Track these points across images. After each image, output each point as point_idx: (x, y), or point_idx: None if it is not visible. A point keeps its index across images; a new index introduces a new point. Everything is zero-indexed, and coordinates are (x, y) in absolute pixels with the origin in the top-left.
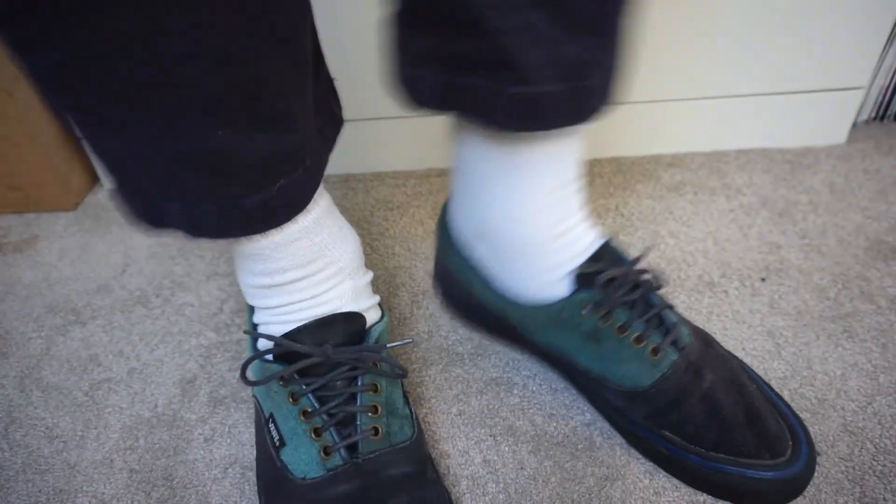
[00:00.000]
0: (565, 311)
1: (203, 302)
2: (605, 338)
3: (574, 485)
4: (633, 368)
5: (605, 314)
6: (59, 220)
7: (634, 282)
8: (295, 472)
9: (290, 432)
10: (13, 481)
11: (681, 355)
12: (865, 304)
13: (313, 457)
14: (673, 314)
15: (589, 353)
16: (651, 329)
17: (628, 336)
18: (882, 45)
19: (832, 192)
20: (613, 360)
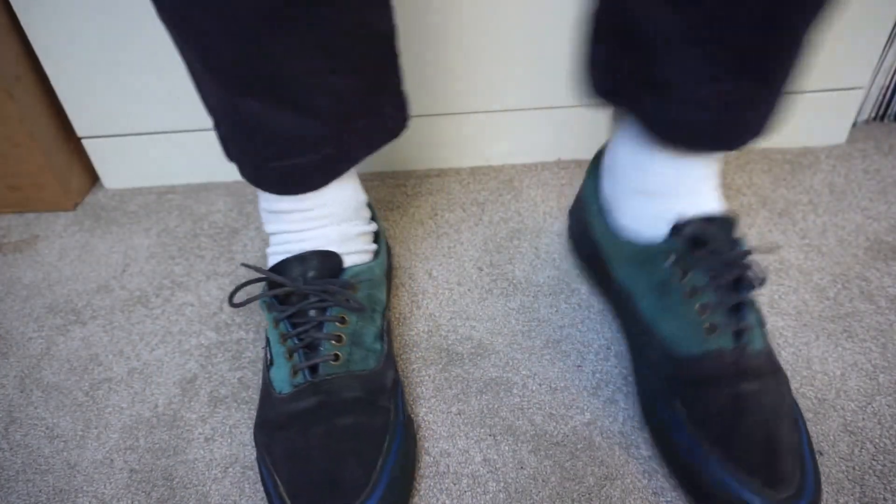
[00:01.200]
0: (649, 253)
1: (203, 302)
2: (672, 292)
3: (574, 484)
4: (682, 333)
5: (683, 272)
6: (59, 220)
7: (730, 262)
8: (275, 387)
9: (276, 353)
10: (13, 481)
11: (736, 348)
12: (865, 304)
13: (285, 375)
14: (756, 317)
15: (653, 300)
16: (721, 308)
17: (694, 301)
18: (882, 45)
19: (832, 192)
20: (669, 315)
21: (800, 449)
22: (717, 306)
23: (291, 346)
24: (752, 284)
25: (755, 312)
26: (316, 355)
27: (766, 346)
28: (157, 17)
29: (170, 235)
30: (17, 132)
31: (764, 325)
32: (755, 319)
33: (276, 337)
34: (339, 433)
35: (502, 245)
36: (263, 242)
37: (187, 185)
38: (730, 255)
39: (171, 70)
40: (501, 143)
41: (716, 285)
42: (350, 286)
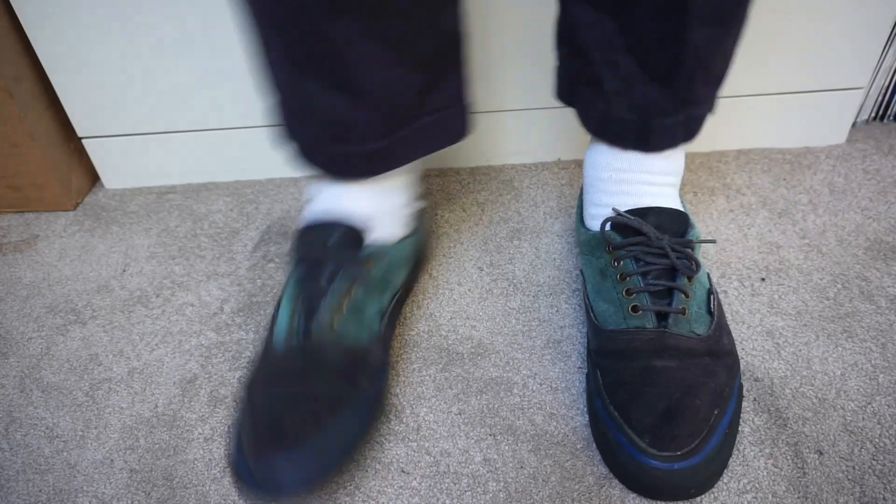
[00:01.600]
0: (594, 242)
1: (203, 302)
2: (608, 277)
3: (574, 484)
4: (610, 312)
5: (616, 259)
6: (59, 220)
7: (663, 251)
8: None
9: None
10: (13, 481)
11: (657, 328)
12: (865, 304)
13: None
14: (687, 302)
15: (595, 284)
16: (645, 292)
17: (623, 286)
18: (882, 45)
19: (832, 192)
20: (603, 297)
21: (711, 422)
22: (642, 290)
23: (293, 308)
24: (691, 272)
25: (683, 293)
26: (312, 320)
27: (706, 331)
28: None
29: (170, 235)
30: (17, 132)
31: (712, 313)
32: (684, 302)
33: (285, 293)
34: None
35: (502, 245)
36: (264, 242)
37: (187, 185)
38: (658, 244)
39: (171, 70)
40: (501, 143)
41: (643, 272)
42: (365, 262)
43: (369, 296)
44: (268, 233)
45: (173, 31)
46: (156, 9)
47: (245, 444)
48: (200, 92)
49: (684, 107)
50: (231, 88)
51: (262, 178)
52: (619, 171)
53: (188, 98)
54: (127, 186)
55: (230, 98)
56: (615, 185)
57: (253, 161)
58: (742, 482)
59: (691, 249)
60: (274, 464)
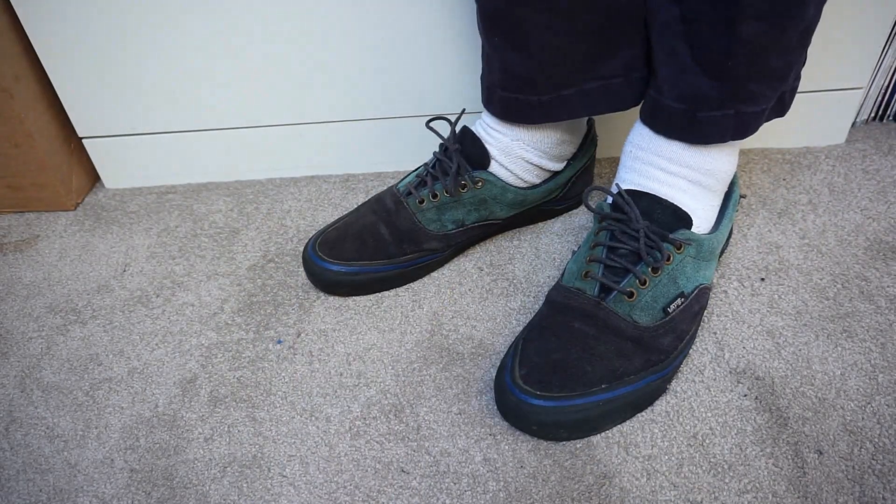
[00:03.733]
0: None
1: (203, 302)
2: (587, 242)
3: (573, 483)
4: (572, 270)
5: (599, 229)
6: (59, 220)
7: (635, 233)
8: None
9: (581, 252)
10: (14, 481)
11: (593, 298)
12: (865, 304)
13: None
14: (639, 289)
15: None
16: (604, 265)
17: (590, 252)
18: (882, 45)
19: (832, 192)
20: (576, 256)
21: (591, 388)
22: (599, 261)
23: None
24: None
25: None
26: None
27: (647, 323)
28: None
29: (170, 235)
30: (17, 132)
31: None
32: (636, 286)
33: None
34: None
35: (502, 245)
36: (264, 242)
37: (187, 185)
38: (634, 227)
39: (171, 70)
40: None
41: (610, 246)
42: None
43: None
44: None
45: (173, 31)
46: (156, 9)
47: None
48: (200, 92)
49: (735, 102)
50: (231, 88)
51: (262, 178)
52: (637, 149)
53: (188, 98)
54: (127, 186)
55: (231, 98)
56: (634, 164)
57: (253, 161)
58: (742, 482)
59: (675, 247)
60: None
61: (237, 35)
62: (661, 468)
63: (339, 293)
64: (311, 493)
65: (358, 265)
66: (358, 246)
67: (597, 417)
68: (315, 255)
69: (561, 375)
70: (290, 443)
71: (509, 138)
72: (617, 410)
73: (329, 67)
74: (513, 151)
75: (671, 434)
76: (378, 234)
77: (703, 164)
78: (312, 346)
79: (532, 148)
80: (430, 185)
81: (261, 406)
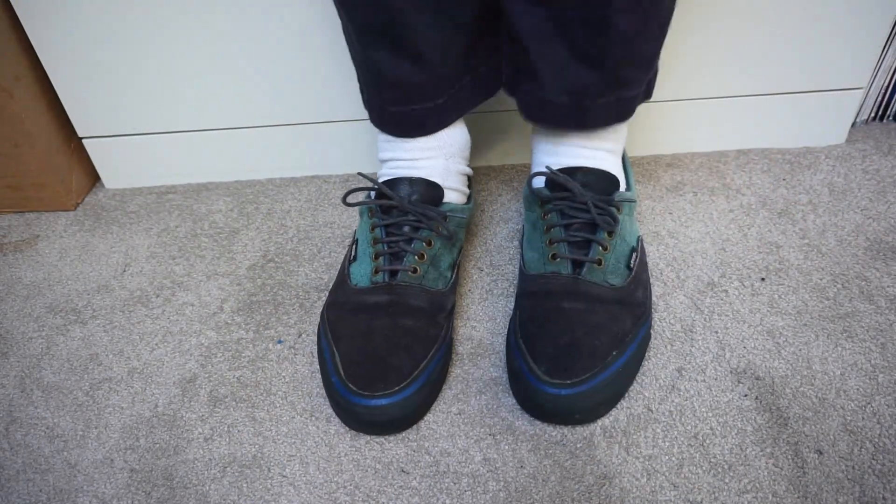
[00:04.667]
0: (531, 198)
1: (203, 301)
2: (537, 228)
3: (573, 483)
4: (535, 258)
5: (544, 212)
6: (59, 220)
7: (584, 205)
8: (352, 280)
9: (362, 252)
10: (14, 481)
11: (571, 274)
12: (865, 304)
13: (366, 272)
14: (604, 255)
15: (528, 235)
16: (565, 241)
17: (548, 236)
18: (882, 45)
19: (832, 192)
20: (532, 245)
21: (607, 360)
22: (562, 241)
23: (380, 251)
24: (609, 228)
25: (602, 246)
26: (399, 264)
27: (621, 283)
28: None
29: (170, 235)
30: (17, 132)
31: (631, 268)
32: (600, 254)
33: (367, 239)
34: (399, 329)
35: (502, 245)
36: (264, 242)
37: (187, 185)
38: (581, 200)
39: (170, 70)
40: (501, 143)
41: (566, 224)
42: (444, 217)
43: (444, 248)
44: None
45: (173, 31)
46: (156, 9)
47: (348, 375)
48: (200, 92)
49: (615, 88)
50: (231, 88)
51: (262, 178)
52: (556, 136)
53: (188, 98)
54: (127, 186)
55: (230, 98)
56: (553, 147)
57: (253, 161)
58: (742, 482)
59: (616, 209)
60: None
61: (237, 35)
62: (661, 468)
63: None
64: (311, 493)
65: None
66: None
67: (622, 383)
68: (349, 390)
69: (579, 357)
70: (290, 443)
71: (443, 156)
72: (632, 370)
73: (329, 67)
74: (448, 168)
75: (672, 434)
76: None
77: (601, 136)
78: (313, 347)
79: (459, 157)
80: (409, 248)
81: (261, 406)
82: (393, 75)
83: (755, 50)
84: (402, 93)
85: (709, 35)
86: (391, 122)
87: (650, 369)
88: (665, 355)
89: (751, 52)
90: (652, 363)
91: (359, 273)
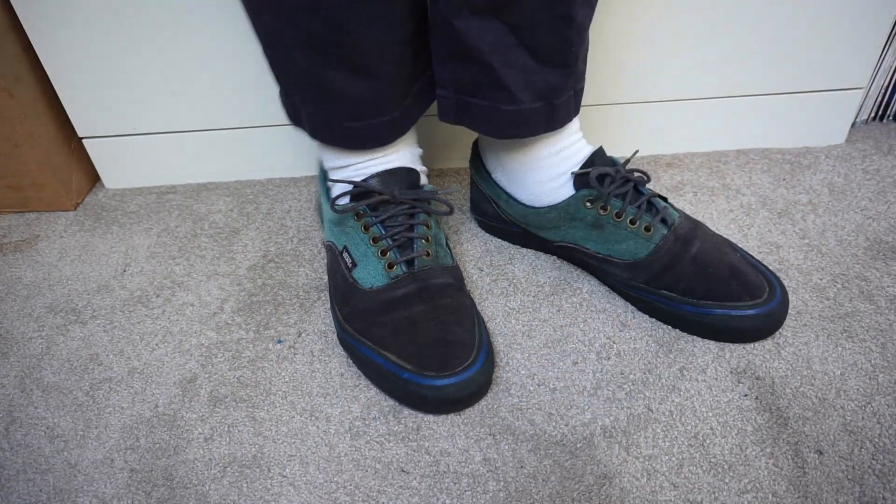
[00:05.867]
0: (571, 207)
1: (203, 301)
2: (606, 224)
3: (573, 483)
4: (631, 245)
5: (602, 206)
6: (59, 220)
7: (624, 177)
8: (363, 284)
9: (362, 255)
10: (14, 481)
11: (670, 230)
12: (865, 304)
13: (378, 271)
14: (661, 201)
15: (595, 239)
16: (642, 212)
17: (623, 220)
18: (882, 45)
19: (832, 192)
20: (614, 241)
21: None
22: (637, 213)
23: (385, 246)
24: (647, 180)
25: (654, 196)
26: (411, 252)
27: (678, 212)
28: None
29: (170, 235)
30: (17, 132)
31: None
32: (660, 201)
33: (364, 241)
34: (441, 309)
35: (502, 245)
36: (264, 242)
37: (187, 185)
38: (620, 172)
39: (170, 70)
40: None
41: (628, 201)
42: (435, 194)
43: (437, 226)
44: None
45: (173, 31)
46: (155, 9)
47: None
48: (201, 92)
49: (574, 82)
50: (231, 88)
51: (262, 178)
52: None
53: (188, 98)
54: (127, 186)
55: (230, 98)
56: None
57: (253, 161)
58: (742, 482)
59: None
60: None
61: (237, 35)
62: (661, 468)
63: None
64: (311, 493)
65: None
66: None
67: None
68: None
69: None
70: (290, 443)
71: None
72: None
73: None
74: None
75: (672, 434)
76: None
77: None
78: (313, 346)
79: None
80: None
81: (261, 406)
82: (347, 94)
83: (755, 50)
84: (356, 109)
85: (709, 35)
86: (344, 137)
87: (650, 369)
88: (665, 355)
89: (751, 52)
90: (652, 363)
91: (368, 275)
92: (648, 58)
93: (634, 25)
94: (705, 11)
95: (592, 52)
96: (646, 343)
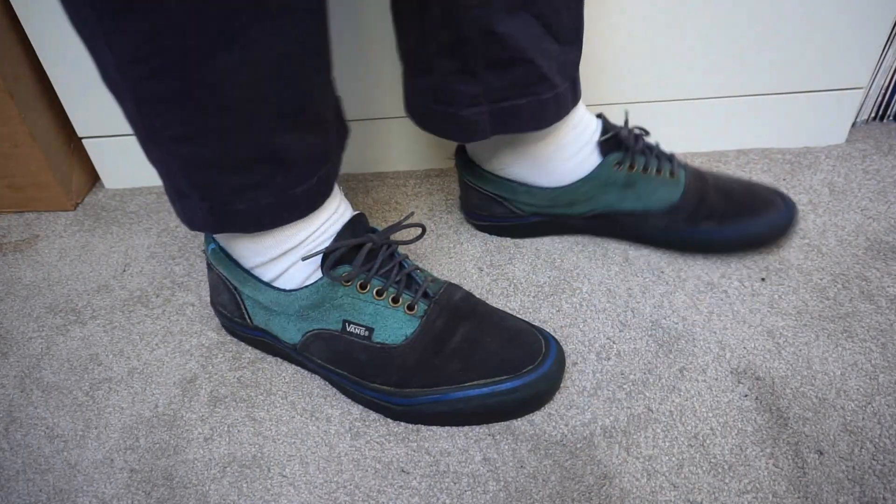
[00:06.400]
0: (603, 174)
1: (203, 302)
2: (637, 181)
3: (573, 483)
4: (664, 193)
5: (630, 164)
6: (59, 220)
7: (636, 135)
8: (394, 341)
9: (373, 316)
10: (14, 481)
11: (687, 171)
12: (865, 304)
13: (403, 319)
14: (665, 152)
15: (629, 198)
16: (663, 162)
17: (650, 172)
18: (882, 45)
19: (832, 192)
20: (648, 193)
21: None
22: (660, 164)
23: (394, 294)
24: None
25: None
26: (418, 285)
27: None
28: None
29: (170, 235)
30: (17, 132)
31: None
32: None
33: (367, 300)
34: (483, 315)
35: (502, 245)
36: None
37: None
38: (633, 132)
39: None
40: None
41: (647, 156)
42: (402, 222)
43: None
44: None
45: None
46: None
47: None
48: None
49: (580, 56)
50: None
51: None
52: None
53: None
54: (127, 186)
55: None
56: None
57: None
58: (742, 482)
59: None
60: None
61: None
62: (661, 468)
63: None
64: (311, 493)
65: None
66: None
67: None
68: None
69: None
70: (290, 443)
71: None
72: None
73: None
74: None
75: (672, 434)
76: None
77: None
78: None
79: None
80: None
81: (261, 406)
82: (298, 152)
83: (755, 50)
84: (303, 168)
85: (709, 35)
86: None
87: (650, 369)
88: (666, 355)
89: (751, 52)
90: (652, 363)
91: (394, 330)
92: (648, 58)
93: (635, 25)
94: (706, 11)
95: (593, 53)
96: (646, 343)
